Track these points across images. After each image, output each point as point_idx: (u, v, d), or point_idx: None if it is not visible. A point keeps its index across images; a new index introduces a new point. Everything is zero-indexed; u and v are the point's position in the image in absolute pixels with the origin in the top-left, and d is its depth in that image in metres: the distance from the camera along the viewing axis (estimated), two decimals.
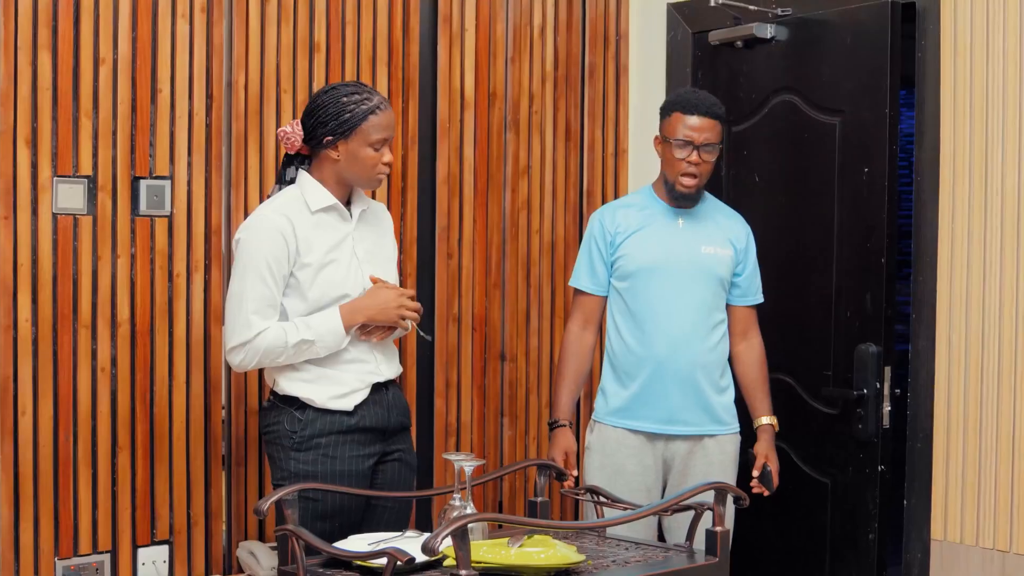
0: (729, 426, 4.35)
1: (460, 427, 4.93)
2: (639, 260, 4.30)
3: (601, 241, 4.38)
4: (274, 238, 3.75)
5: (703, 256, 4.30)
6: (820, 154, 4.69)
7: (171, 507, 4.25)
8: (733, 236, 4.36)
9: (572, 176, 5.21)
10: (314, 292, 3.79)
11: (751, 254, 4.40)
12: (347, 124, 3.77)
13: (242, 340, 3.75)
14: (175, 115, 4.22)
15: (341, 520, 3.77)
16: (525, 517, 3.68)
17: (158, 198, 4.19)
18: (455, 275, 4.90)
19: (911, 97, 4.53)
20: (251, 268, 3.75)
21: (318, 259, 3.79)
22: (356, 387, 3.85)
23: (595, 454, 4.37)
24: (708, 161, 4.25)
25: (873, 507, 4.48)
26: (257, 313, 3.74)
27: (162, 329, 4.21)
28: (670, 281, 4.28)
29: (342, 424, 3.81)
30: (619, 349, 4.35)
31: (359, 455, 3.83)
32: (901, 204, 4.65)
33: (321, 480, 3.74)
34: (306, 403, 3.81)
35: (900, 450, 4.51)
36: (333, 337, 3.78)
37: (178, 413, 4.25)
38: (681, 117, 4.25)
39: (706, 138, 4.24)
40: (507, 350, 5.05)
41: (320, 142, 3.80)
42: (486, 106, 4.97)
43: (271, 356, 3.76)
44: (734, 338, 4.41)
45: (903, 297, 4.63)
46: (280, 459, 3.83)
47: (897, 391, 4.51)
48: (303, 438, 3.80)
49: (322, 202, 3.82)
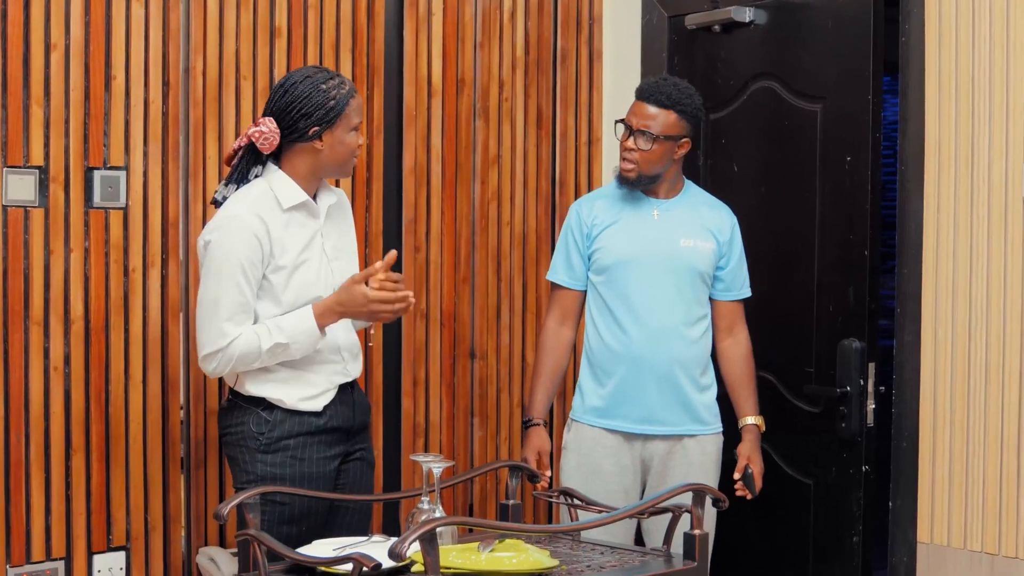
0: (710, 426, 4.35)
1: (428, 427, 4.92)
2: (614, 253, 4.30)
3: (578, 233, 4.38)
4: (248, 240, 3.71)
5: (681, 249, 4.29)
6: (801, 143, 4.70)
7: (128, 512, 4.23)
8: (715, 228, 4.36)
9: (544, 165, 5.20)
10: (288, 295, 3.77)
11: (736, 247, 4.40)
12: (333, 111, 3.75)
13: (216, 348, 3.72)
14: (130, 103, 4.20)
15: (308, 524, 3.76)
16: (496, 521, 3.68)
17: (113, 189, 4.17)
18: (423, 269, 4.89)
19: (895, 84, 4.54)
20: (225, 273, 3.70)
21: (292, 260, 3.77)
22: (326, 388, 3.84)
23: (571, 454, 4.37)
24: (641, 149, 4.25)
25: (857, 508, 4.49)
26: (231, 320, 3.71)
27: (117, 326, 4.19)
28: (646, 275, 4.27)
29: (310, 425, 3.81)
30: (596, 345, 4.34)
31: (325, 456, 3.83)
32: (885, 194, 4.66)
33: (289, 483, 3.73)
34: (274, 404, 3.79)
35: (885, 449, 4.52)
36: (307, 338, 3.76)
37: (134, 413, 4.23)
38: (635, 101, 4.31)
39: (643, 124, 4.25)
40: (477, 347, 5.04)
41: (305, 134, 3.75)
42: (454, 93, 4.96)
43: (245, 362, 3.74)
44: (719, 334, 4.41)
45: (887, 291, 4.64)
46: (245, 461, 3.81)
47: (882, 388, 4.52)
48: (271, 440, 3.78)
49: (294, 199, 3.79)
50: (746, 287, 4.44)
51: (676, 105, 4.24)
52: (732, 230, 4.40)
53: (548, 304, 4.50)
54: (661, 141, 4.24)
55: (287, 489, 3.54)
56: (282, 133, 3.77)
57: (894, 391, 4.49)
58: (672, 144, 4.26)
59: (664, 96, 4.24)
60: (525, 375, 5.13)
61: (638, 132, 4.24)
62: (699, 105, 4.31)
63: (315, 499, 3.72)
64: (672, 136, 4.25)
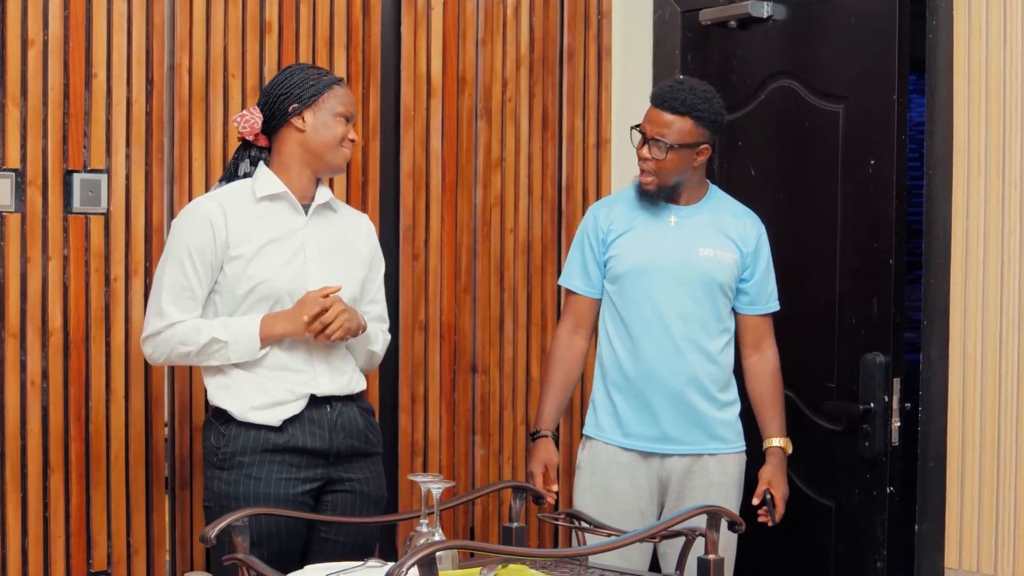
0: (731, 444, 4.33)
1: (427, 445, 4.92)
2: (627, 262, 4.29)
3: (594, 238, 4.37)
4: (200, 225, 3.78)
5: (699, 259, 4.27)
6: (821, 145, 4.69)
7: (109, 534, 4.22)
8: (739, 237, 4.32)
9: (550, 169, 5.20)
10: (243, 285, 3.79)
11: (762, 257, 4.36)
12: (313, 90, 3.85)
13: (154, 330, 3.79)
14: (112, 102, 4.20)
15: (271, 548, 3.74)
16: (499, 545, 3.67)
17: (93, 194, 4.17)
18: (421, 278, 4.89)
19: (921, 82, 4.53)
20: (173, 255, 3.80)
21: (252, 250, 3.79)
22: (283, 399, 3.82)
23: (585, 473, 4.35)
24: (655, 158, 4.22)
25: (881, 532, 4.48)
26: (172, 303, 3.77)
27: (98, 338, 4.19)
28: (660, 286, 4.26)
29: (268, 442, 3.79)
30: (608, 359, 4.34)
31: (290, 478, 3.79)
32: (911, 200, 4.65)
33: (243, 503, 3.72)
34: (230, 416, 3.80)
35: (911, 470, 4.51)
36: (246, 340, 3.77)
37: (116, 431, 4.23)
38: (650, 107, 4.27)
39: (657, 132, 4.21)
40: (479, 361, 5.04)
41: (285, 113, 3.83)
42: (455, 92, 4.96)
43: (182, 352, 3.78)
44: (745, 349, 4.39)
45: (913, 302, 4.64)
46: (207, 478, 3.85)
47: (907, 405, 4.51)
48: (226, 455, 3.79)
49: (269, 189, 3.84)
50: (773, 300, 4.41)
51: (692, 111, 4.20)
52: (758, 240, 4.36)
53: (562, 311, 4.50)
54: (676, 150, 4.21)
55: (279, 511, 3.53)
56: (266, 120, 3.87)
57: (920, 408, 4.48)
58: (690, 152, 4.23)
59: (678, 102, 4.20)
60: (530, 391, 5.13)
61: (652, 140, 4.22)
62: (718, 109, 4.26)
63: (279, 522, 3.71)
64: (688, 144, 4.22)
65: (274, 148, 3.90)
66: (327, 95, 3.85)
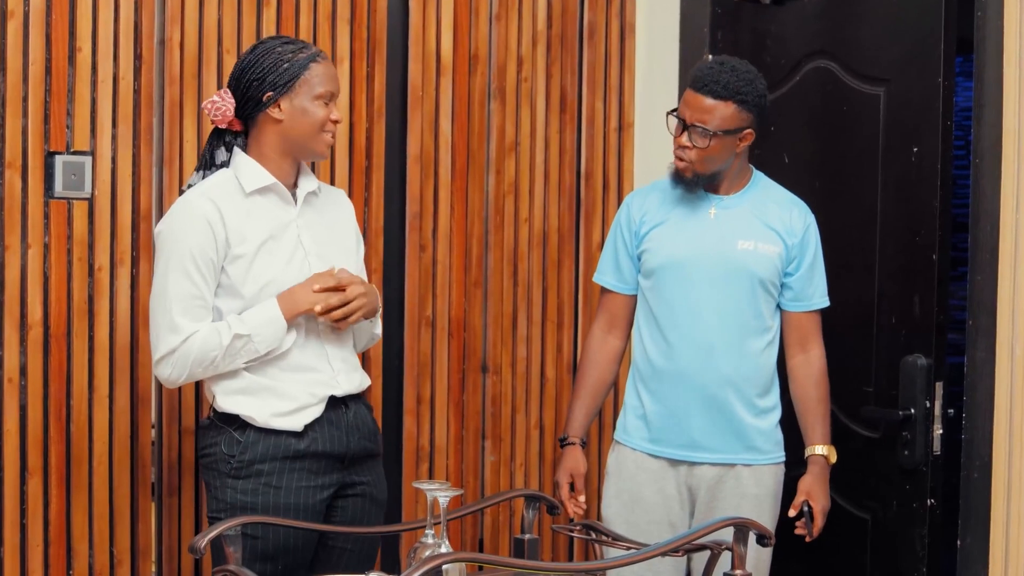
0: (768, 455, 4.31)
1: (434, 451, 4.92)
2: (660, 255, 4.28)
3: (627, 231, 4.36)
4: (198, 227, 3.74)
5: (738, 253, 4.24)
6: (861, 131, 4.69)
7: (91, 543, 4.23)
8: (785, 228, 4.29)
9: (568, 154, 5.20)
10: (249, 287, 3.78)
11: (809, 249, 4.31)
12: (288, 74, 3.78)
13: (170, 348, 3.75)
14: (97, 79, 4.20)
15: (286, 562, 3.75)
16: (510, 558, 3.67)
17: (77, 177, 4.18)
18: (428, 271, 4.89)
19: (969, 65, 4.52)
20: (174, 263, 3.75)
21: (252, 249, 3.78)
22: (307, 402, 3.83)
23: (612, 479, 4.36)
24: (697, 147, 4.19)
25: (920, 548, 4.48)
26: (185, 314, 3.74)
27: (81, 332, 4.19)
28: (695, 282, 4.24)
29: (289, 448, 3.79)
30: (640, 360, 4.34)
31: (310, 486, 3.81)
32: (956, 191, 4.64)
33: (262, 513, 3.72)
34: (247, 421, 3.79)
35: (953, 480, 4.51)
36: (272, 328, 3.77)
37: (99, 432, 4.23)
38: (687, 90, 4.23)
39: (698, 118, 4.18)
40: (490, 360, 5.04)
41: (259, 102, 3.80)
42: (466, 71, 4.95)
43: (204, 363, 3.75)
44: (789, 349, 4.37)
45: (957, 301, 4.63)
46: (216, 488, 3.82)
47: (950, 411, 4.51)
48: (242, 463, 3.78)
49: (258, 182, 3.82)
50: (822, 296, 4.36)
51: (736, 95, 4.17)
52: (806, 231, 4.33)
53: (596, 309, 4.50)
54: (720, 137, 4.18)
55: (271, 520, 3.54)
56: (239, 105, 3.83)
57: (964, 414, 4.48)
58: (732, 138, 4.21)
59: (721, 86, 4.17)
60: (544, 392, 5.13)
61: (693, 127, 4.19)
62: (762, 91, 4.24)
63: (296, 534, 3.71)
64: (732, 130, 4.20)
65: (251, 135, 3.87)
66: (304, 77, 3.79)
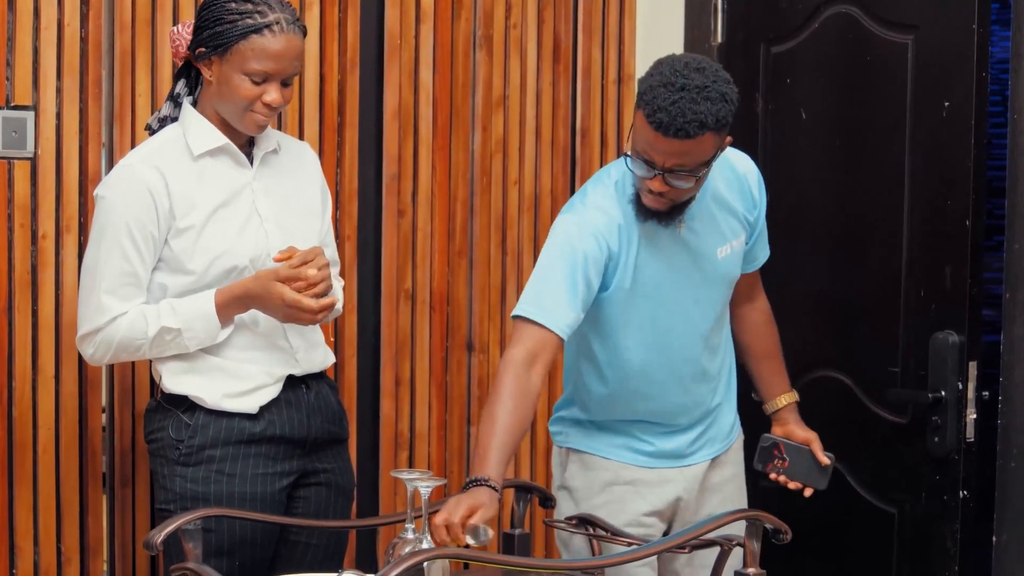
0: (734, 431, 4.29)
1: (414, 437, 4.93)
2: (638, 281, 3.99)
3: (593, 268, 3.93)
4: (138, 195, 3.75)
5: (719, 263, 4.05)
6: (886, 84, 4.69)
7: (36, 540, 4.24)
8: (745, 206, 4.09)
9: (562, 109, 5.20)
10: (198, 261, 3.78)
11: (763, 212, 4.17)
12: (221, 37, 3.72)
13: (94, 327, 3.77)
14: (40, 25, 4.20)
15: (243, 557, 3.76)
16: (498, 554, 3.68)
17: (18, 135, 4.18)
18: (408, 239, 4.89)
19: (1006, 12, 4.52)
20: (108, 235, 3.76)
21: (201, 219, 3.78)
22: (262, 382, 3.84)
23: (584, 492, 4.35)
24: (679, 187, 3.83)
25: (952, 544, 4.50)
26: (112, 293, 3.75)
27: (23, 307, 4.20)
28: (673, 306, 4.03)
29: (243, 432, 3.80)
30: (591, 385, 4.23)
31: (267, 473, 3.81)
32: (991, 151, 4.65)
33: (214, 504, 3.73)
34: (196, 403, 3.80)
35: (988, 470, 4.52)
36: (204, 325, 3.76)
37: (44, 417, 4.24)
38: (645, 123, 3.74)
39: (675, 162, 3.79)
40: (475, 337, 5.05)
41: (194, 53, 3.79)
42: (449, 18, 4.95)
43: (130, 350, 3.78)
44: (736, 301, 4.21)
45: (993, 273, 4.63)
46: (164, 476, 3.84)
47: (985, 394, 4.52)
48: (191, 449, 3.79)
49: (207, 143, 3.82)
50: (766, 249, 4.23)
51: (713, 123, 3.75)
52: (761, 195, 4.13)
53: (514, 338, 3.99)
54: (706, 167, 3.85)
55: (234, 512, 3.55)
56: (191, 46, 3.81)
57: (1000, 397, 4.50)
58: (714, 160, 3.87)
59: (689, 122, 3.73)
60: None
61: (669, 171, 3.80)
62: (732, 93, 3.82)
63: (255, 527, 3.72)
64: (714, 155, 3.85)
65: (201, 90, 3.87)
66: (238, 47, 3.70)
